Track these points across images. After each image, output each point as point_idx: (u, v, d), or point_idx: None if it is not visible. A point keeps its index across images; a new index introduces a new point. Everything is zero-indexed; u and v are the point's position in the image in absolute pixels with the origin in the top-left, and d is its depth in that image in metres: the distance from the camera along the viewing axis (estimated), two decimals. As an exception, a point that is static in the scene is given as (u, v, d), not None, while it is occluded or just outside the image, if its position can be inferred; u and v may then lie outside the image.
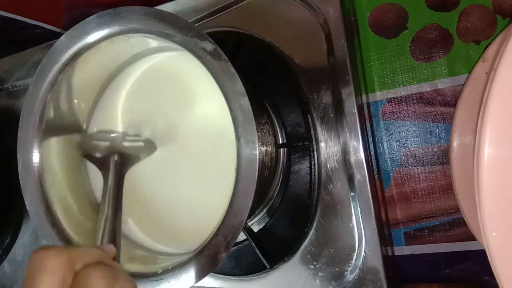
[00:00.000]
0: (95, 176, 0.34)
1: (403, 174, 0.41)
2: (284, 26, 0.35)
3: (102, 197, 0.28)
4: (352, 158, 0.33)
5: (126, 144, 0.32)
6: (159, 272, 0.27)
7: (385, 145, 0.41)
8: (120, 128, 0.34)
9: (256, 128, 0.24)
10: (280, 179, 0.35)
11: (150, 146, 0.32)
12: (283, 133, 0.35)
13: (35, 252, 0.20)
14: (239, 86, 0.25)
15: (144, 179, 0.33)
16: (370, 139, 0.39)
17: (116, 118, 0.34)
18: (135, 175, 0.33)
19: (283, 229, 0.34)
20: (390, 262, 0.35)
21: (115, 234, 0.27)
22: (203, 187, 0.31)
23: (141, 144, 0.32)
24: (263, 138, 0.31)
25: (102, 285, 0.20)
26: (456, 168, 0.37)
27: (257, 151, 0.24)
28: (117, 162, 0.30)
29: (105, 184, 0.29)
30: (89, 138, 0.33)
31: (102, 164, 0.31)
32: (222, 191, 0.27)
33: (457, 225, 0.40)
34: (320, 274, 0.33)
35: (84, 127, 0.34)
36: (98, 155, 0.31)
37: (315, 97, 0.34)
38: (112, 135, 0.33)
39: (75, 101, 0.32)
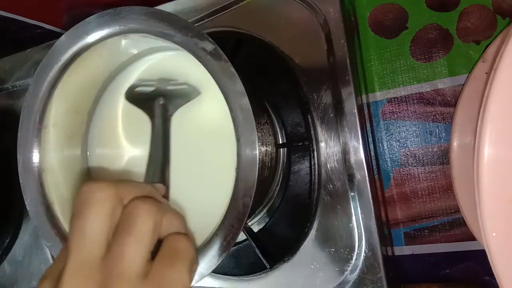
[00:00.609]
0: (96, 175, 0.34)
1: (403, 174, 0.41)
2: (284, 26, 0.35)
3: (151, 142, 0.29)
4: (352, 158, 0.33)
5: (170, 87, 0.32)
6: (159, 272, 0.27)
7: (385, 145, 0.41)
8: (121, 129, 0.34)
9: (256, 128, 0.24)
10: (280, 179, 0.35)
11: (194, 90, 0.32)
12: (283, 133, 0.35)
13: (84, 185, 0.20)
14: (239, 86, 0.25)
15: (143, 179, 0.33)
16: (370, 139, 0.39)
17: (117, 117, 0.34)
18: (135, 175, 0.33)
19: (283, 229, 0.34)
20: (390, 262, 0.35)
21: (164, 175, 0.27)
22: (202, 187, 0.31)
23: (185, 86, 0.32)
24: (263, 138, 0.31)
25: (149, 217, 0.20)
26: (456, 168, 0.37)
27: (257, 151, 0.24)
28: (162, 104, 0.31)
29: (152, 128, 0.30)
30: (134, 85, 0.34)
31: (148, 108, 0.31)
32: (222, 191, 0.27)
33: (457, 225, 0.40)
34: (320, 274, 0.33)
35: (85, 127, 0.34)
36: (143, 98, 0.32)
37: (315, 97, 0.34)
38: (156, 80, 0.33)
39: (76, 101, 0.32)
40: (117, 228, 0.20)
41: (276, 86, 0.35)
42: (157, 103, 0.31)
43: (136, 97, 0.33)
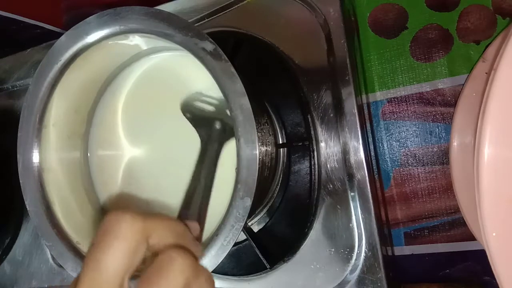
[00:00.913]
0: (96, 175, 0.34)
1: (403, 174, 0.41)
2: (284, 26, 0.35)
3: (197, 164, 0.27)
4: (352, 158, 0.33)
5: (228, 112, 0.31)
6: (159, 272, 0.27)
7: (385, 145, 0.41)
8: (121, 128, 0.34)
9: (256, 128, 0.24)
10: (280, 179, 0.35)
11: None
12: (283, 133, 0.35)
13: (109, 214, 0.18)
14: (239, 86, 0.25)
15: (143, 179, 0.33)
16: (370, 139, 0.39)
17: (117, 117, 0.34)
18: (134, 174, 0.33)
19: (283, 229, 0.34)
20: (390, 262, 0.35)
21: (201, 210, 0.24)
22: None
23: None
24: (263, 138, 0.31)
25: (181, 275, 0.18)
26: (456, 168, 0.37)
27: (257, 151, 0.24)
28: (219, 130, 0.28)
29: (203, 151, 0.27)
30: (194, 98, 0.31)
31: (202, 129, 0.29)
32: (222, 191, 0.27)
33: (457, 225, 0.40)
34: (320, 274, 0.33)
35: (85, 127, 0.34)
36: (201, 117, 0.29)
37: (315, 97, 0.34)
38: (215, 99, 0.31)
39: (76, 101, 0.32)
40: (144, 275, 0.18)
41: (276, 86, 0.35)
42: (215, 127, 0.28)
43: (193, 111, 0.30)
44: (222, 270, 0.34)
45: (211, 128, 0.28)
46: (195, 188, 0.25)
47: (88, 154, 0.34)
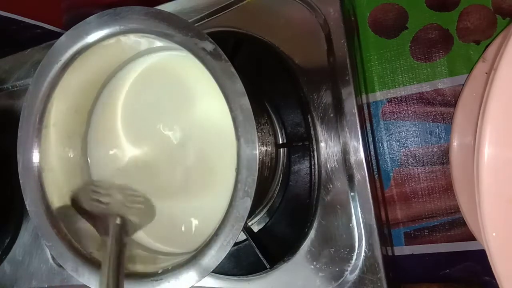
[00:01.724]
0: (97, 174, 0.34)
1: (403, 174, 0.41)
2: (284, 26, 0.35)
3: (103, 265, 0.25)
4: (352, 158, 0.33)
5: (127, 205, 0.29)
6: (159, 272, 0.27)
7: (385, 145, 0.41)
8: (120, 128, 0.34)
9: (256, 128, 0.24)
10: (280, 179, 0.35)
11: (150, 210, 0.30)
12: (283, 133, 0.35)
13: None
14: (239, 86, 0.25)
15: (143, 179, 0.33)
16: (370, 139, 0.39)
17: (116, 117, 0.34)
18: (134, 174, 0.33)
19: (283, 229, 0.34)
20: (390, 262, 0.35)
21: None
22: (203, 187, 0.31)
23: (141, 206, 0.30)
24: (263, 138, 0.31)
25: None
26: (456, 168, 0.37)
27: (257, 151, 0.24)
28: (119, 226, 0.26)
29: (105, 251, 0.25)
30: (88, 189, 0.29)
31: (100, 226, 0.27)
32: (222, 191, 0.27)
33: (457, 225, 0.40)
34: (320, 274, 0.33)
35: (85, 126, 0.34)
36: (97, 213, 0.27)
37: (315, 97, 0.34)
38: (111, 194, 0.28)
39: (76, 100, 0.32)
40: None
41: (276, 86, 0.35)
42: (112, 223, 0.26)
43: (90, 208, 0.28)
44: (222, 270, 0.34)
45: (109, 225, 0.26)
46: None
47: (88, 154, 0.34)
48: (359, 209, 0.32)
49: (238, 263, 0.34)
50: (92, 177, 0.34)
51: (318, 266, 0.33)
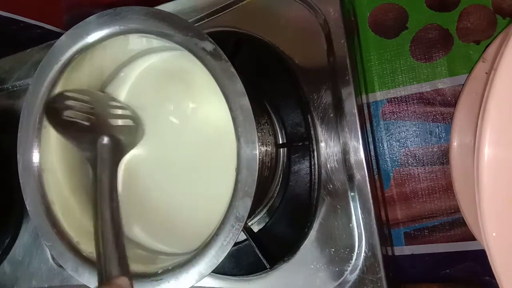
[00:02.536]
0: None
1: (403, 174, 0.41)
2: (284, 26, 0.35)
3: (94, 196, 0.22)
4: (352, 158, 0.32)
5: (115, 123, 0.25)
6: (159, 272, 0.27)
7: (385, 145, 0.41)
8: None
9: (256, 128, 0.24)
10: (280, 179, 0.35)
11: (139, 126, 0.27)
12: (283, 133, 0.35)
13: None
14: (239, 86, 0.25)
15: (143, 179, 0.33)
16: (370, 139, 0.39)
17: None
18: (134, 174, 0.33)
19: (283, 229, 0.34)
20: (390, 262, 0.35)
21: (117, 247, 0.21)
22: (203, 187, 0.31)
23: (131, 123, 0.26)
24: (263, 138, 0.31)
25: None
26: (456, 168, 0.37)
27: (257, 151, 0.24)
28: (106, 146, 0.23)
29: (95, 178, 0.23)
30: (62, 99, 0.24)
31: (85, 147, 0.23)
32: (222, 191, 0.27)
33: (457, 225, 0.40)
34: (320, 274, 0.33)
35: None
36: (79, 132, 0.23)
37: (315, 97, 0.34)
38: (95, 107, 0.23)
39: (75, 101, 0.32)
40: None
41: (276, 86, 0.35)
42: (100, 143, 0.23)
43: (64, 124, 0.23)
44: (222, 270, 0.34)
45: (96, 146, 0.22)
46: (100, 225, 0.20)
47: (88, 154, 0.34)
48: (359, 209, 0.32)
49: (238, 263, 0.34)
50: (91, 177, 0.34)
51: (318, 266, 0.33)
